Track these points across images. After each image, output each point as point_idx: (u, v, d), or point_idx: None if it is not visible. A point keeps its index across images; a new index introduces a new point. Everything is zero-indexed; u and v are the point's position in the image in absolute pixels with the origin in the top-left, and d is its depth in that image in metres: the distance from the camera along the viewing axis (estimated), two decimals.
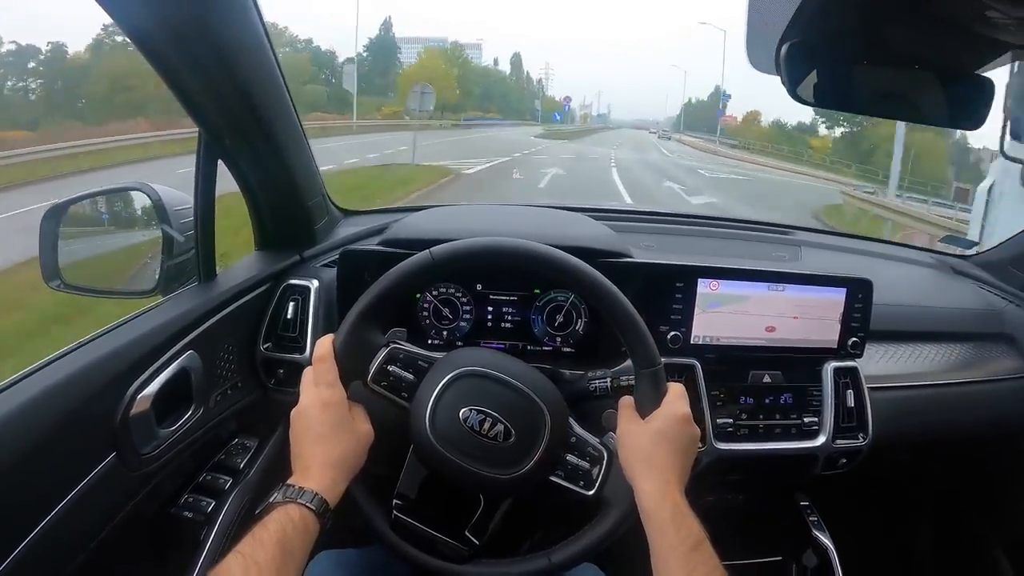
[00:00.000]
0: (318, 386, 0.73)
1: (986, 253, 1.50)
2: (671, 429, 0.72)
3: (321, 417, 0.71)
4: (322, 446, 0.70)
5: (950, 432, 1.25)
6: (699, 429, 0.74)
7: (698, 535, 0.64)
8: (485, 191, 10.85)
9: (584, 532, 0.76)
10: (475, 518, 0.83)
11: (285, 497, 0.65)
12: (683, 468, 0.71)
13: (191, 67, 0.79)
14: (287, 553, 0.60)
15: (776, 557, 1.21)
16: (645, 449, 0.71)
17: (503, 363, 0.81)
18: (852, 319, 1.07)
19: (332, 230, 1.24)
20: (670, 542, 0.64)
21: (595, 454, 0.78)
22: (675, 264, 1.03)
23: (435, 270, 0.77)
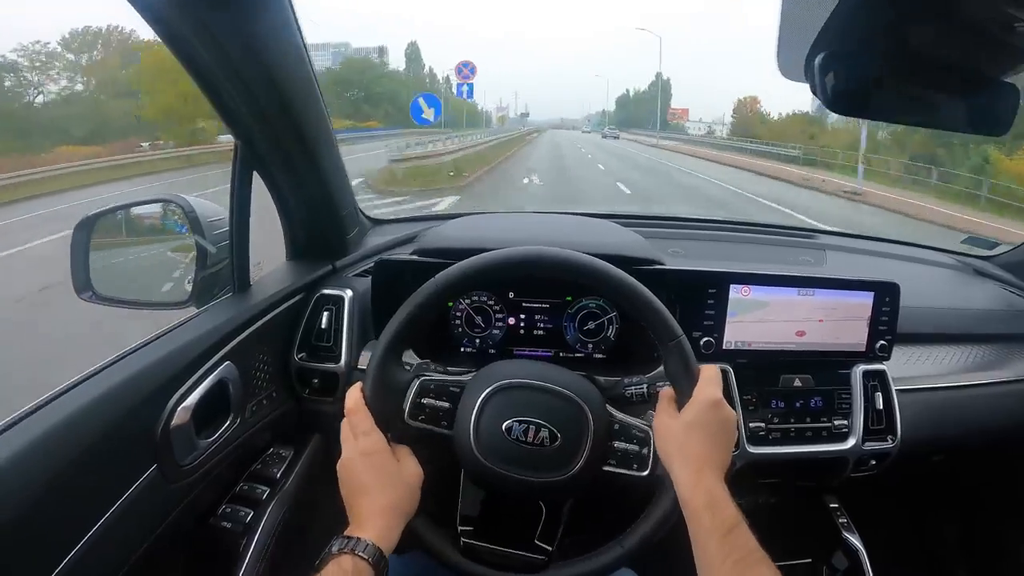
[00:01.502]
0: (356, 437, 0.74)
1: (1008, 254, 1.51)
2: (703, 416, 0.72)
3: (364, 467, 0.72)
4: (370, 496, 0.71)
5: (978, 433, 1.26)
6: (733, 411, 0.74)
7: (733, 520, 0.65)
8: None
9: (648, 512, 0.77)
10: (541, 525, 0.85)
11: (339, 549, 0.66)
12: (719, 454, 0.72)
13: (232, 79, 0.80)
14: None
15: (806, 559, 1.21)
16: (678, 440, 0.72)
17: (532, 369, 0.83)
18: (880, 322, 1.08)
19: (363, 240, 1.25)
20: (706, 529, 0.65)
21: (641, 435, 0.80)
22: (708, 271, 1.03)
23: (442, 295, 0.78)
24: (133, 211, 1.05)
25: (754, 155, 24.64)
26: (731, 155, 25.76)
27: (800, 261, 1.35)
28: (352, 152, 15.77)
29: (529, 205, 10.23)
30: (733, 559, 0.61)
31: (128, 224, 1.05)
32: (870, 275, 1.09)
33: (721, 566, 0.61)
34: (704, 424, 0.72)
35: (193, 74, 0.77)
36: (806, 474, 1.14)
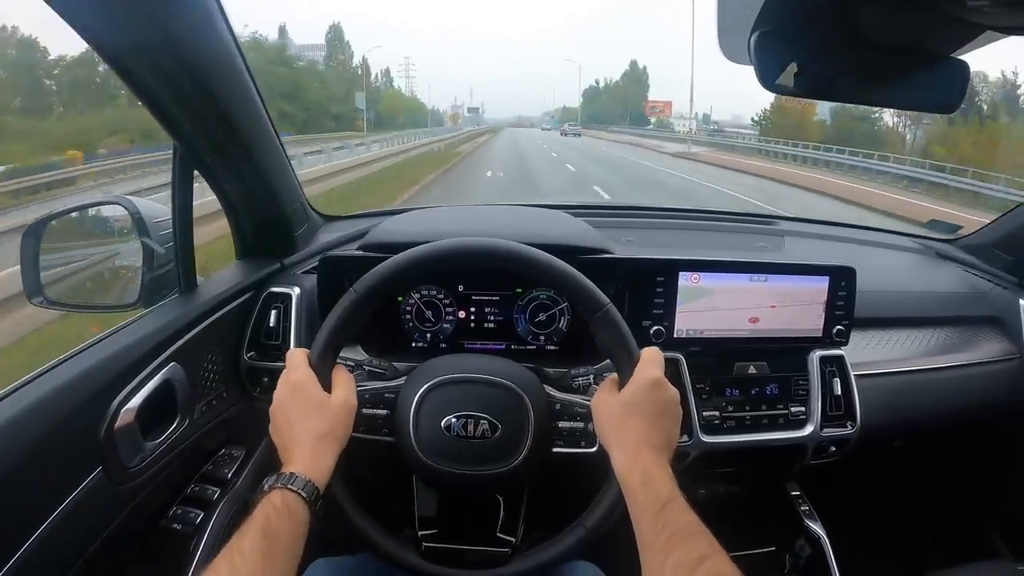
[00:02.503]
0: (286, 378, 0.74)
1: (970, 236, 1.49)
2: (642, 396, 0.72)
3: (292, 401, 0.73)
4: (298, 427, 0.71)
5: (941, 416, 1.25)
6: (676, 390, 0.74)
7: (667, 496, 0.64)
8: None
9: (605, 488, 0.77)
10: (501, 518, 0.86)
11: (270, 486, 0.66)
12: (658, 435, 0.71)
13: (163, 82, 0.79)
14: (271, 537, 0.61)
15: (770, 548, 1.21)
16: (616, 419, 0.72)
17: (461, 363, 0.83)
18: (836, 307, 1.07)
19: (312, 236, 1.24)
20: (640, 507, 0.64)
21: (584, 412, 0.81)
22: (655, 258, 1.03)
23: (362, 302, 0.78)
24: (82, 214, 1.05)
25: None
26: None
27: (757, 248, 1.34)
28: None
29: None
30: (666, 534, 0.60)
31: (77, 227, 1.05)
32: (830, 260, 1.08)
33: (655, 542, 0.60)
34: (643, 404, 0.71)
35: (123, 76, 0.76)
36: (764, 462, 1.14)
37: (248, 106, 0.92)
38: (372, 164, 13.71)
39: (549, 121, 64.64)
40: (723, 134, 38.73)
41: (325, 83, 43.78)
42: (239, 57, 0.87)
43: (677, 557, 0.58)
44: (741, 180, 15.03)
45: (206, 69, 0.81)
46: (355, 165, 12.90)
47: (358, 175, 12.01)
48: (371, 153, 15.56)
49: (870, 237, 1.53)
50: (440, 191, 11.79)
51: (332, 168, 11.44)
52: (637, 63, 67.92)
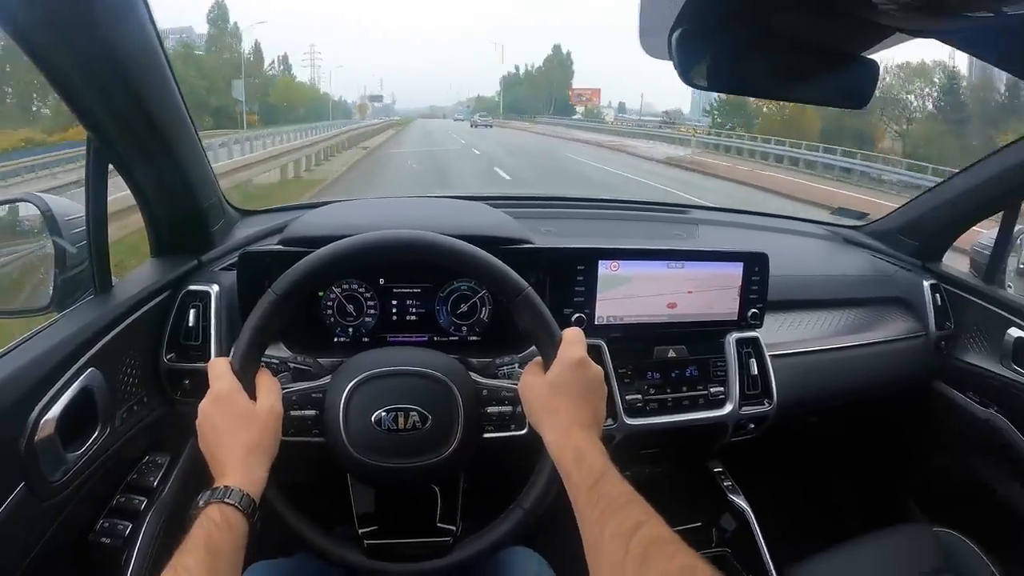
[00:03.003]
0: (211, 386, 0.73)
1: (876, 223, 1.59)
2: (568, 376, 0.73)
3: (217, 412, 0.72)
4: (226, 439, 0.71)
5: (853, 391, 1.33)
6: (600, 368, 0.75)
7: (599, 470, 0.65)
8: None
9: (539, 468, 0.78)
10: (440, 508, 0.87)
11: (206, 502, 0.65)
12: (586, 412, 0.72)
13: (78, 70, 0.76)
14: (215, 553, 0.60)
15: (696, 524, 1.26)
16: (545, 400, 0.73)
17: (386, 356, 0.84)
18: (750, 291, 1.12)
19: (230, 232, 1.22)
20: (575, 483, 0.65)
21: (511, 395, 0.82)
22: (576, 248, 1.05)
23: (282, 302, 0.77)
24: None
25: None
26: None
27: (673, 236, 1.39)
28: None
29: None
30: (602, 506, 0.61)
31: None
32: (743, 247, 1.13)
33: (591, 515, 0.61)
34: (569, 383, 0.73)
35: (37, 62, 0.73)
36: (687, 441, 1.18)
37: (166, 97, 0.90)
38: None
39: (462, 112, 62.03)
40: (673, 127, 36.82)
41: (203, 71, 37.99)
42: (159, 45, 0.85)
43: (614, 527, 0.59)
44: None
45: (125, 56, 0.79)
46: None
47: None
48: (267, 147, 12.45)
49: (781, 225, 1.61)
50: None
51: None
52: (560, 48, 64.19)
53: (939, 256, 1.50)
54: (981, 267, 1.44)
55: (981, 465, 1.45)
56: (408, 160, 15.37)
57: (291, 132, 19.12)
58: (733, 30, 0.80)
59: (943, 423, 1.47)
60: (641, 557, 0.55)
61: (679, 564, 0.54)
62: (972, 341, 1.43)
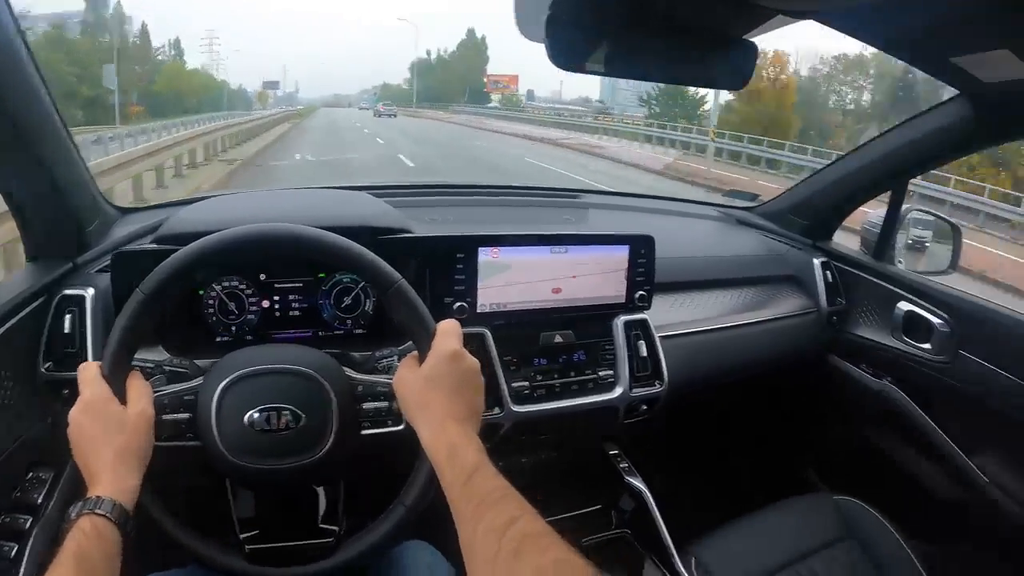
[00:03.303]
0: (80, 393, 0.71)
1: (767, 204, 1.64)
2: (442, 369, 0.72)
3: (87, 420, 0.69)
4: (97, 447, 0.68)
5: (748, 368, 1.36)
6: (476, 360, 0.74)
7: (472, 465, 0.64)
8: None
9: (419, 464, 0.77)
10: (322, 509, 0.85)
11: (77, 514, 0.62)
12: (461, 406, 0.71)
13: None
14: (87, 567, 0.58)
15: (596, 506, 1.27)
16: (418, 395, 0.72)
17: (257, 355, 0.81)
18: (637, 274, 1.13)
19: (108, 232, 1.15)
20: (448, 480, 0.65)
21: (387, 390, 0.81)
22: (454, 235, 1.04)
23: (150, 302, 0.74)
24: None
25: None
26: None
27: (563, 221, 1.40)
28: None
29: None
30: (475, 503, 0.61)
31: None
32: (634, 231, 1.14)
33: (465, 512, 0.61)
34: (443, 377, 0.72)
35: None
36: (579, 426, 1.19)
37: (27, 92, 0.84)
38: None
39: (367, 100, 59.83)
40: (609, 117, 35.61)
41: (75, 57, 31.90)
42: (18, 37, 0.80)
43: (487, 523, 0.58)
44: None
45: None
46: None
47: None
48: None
49: (674, 207, 1.64)
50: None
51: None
52: (475, 32, 60.97)
53: (829, 235, 1.56)
54: (871, 244, 1.49)
55: (877, 434, 1.51)
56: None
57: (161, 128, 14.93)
58: (610, 11, 0.80)
59: (839, 395, 1.53)
60: (514, 552, 0.54)
61: (552, 558, 0.54)
62: (864, 315, 1.48)
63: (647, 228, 1.16)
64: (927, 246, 1.62)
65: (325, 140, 19.57)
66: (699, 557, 1.16)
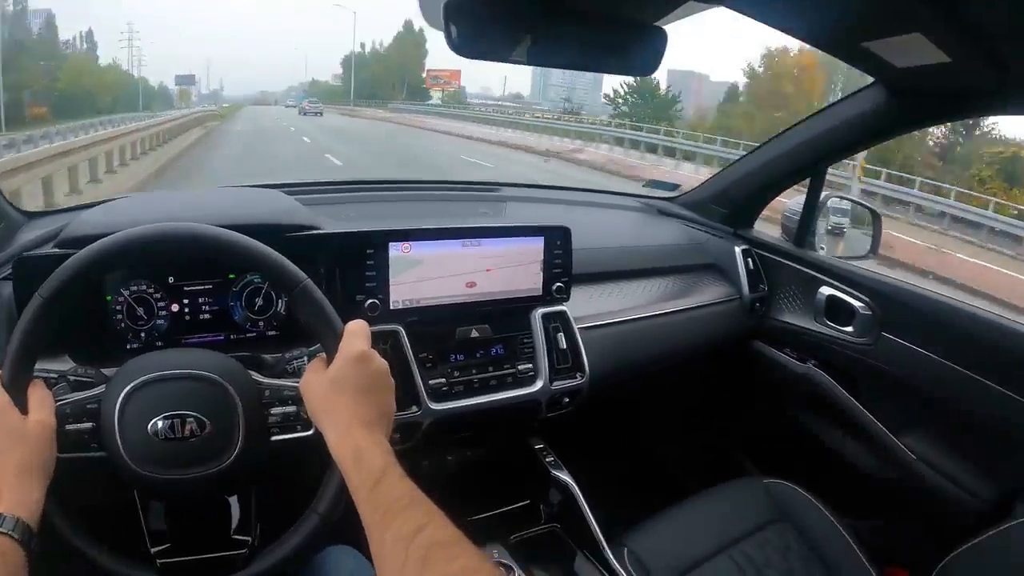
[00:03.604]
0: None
1: (688, 194, 1.67)
2: (348, 371, 0.70)
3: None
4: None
5: (673, 356, 1.38)
6: (384, 361, 0.73)
7: (379, 471, 0.62)
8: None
9: (331, 471, 0.75)
10: (235, 519, 0.82)
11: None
12: (368, 409, 0.69)
13: None
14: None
15: (524, 501, 1.26)
16: (324, 398, 0.70)
17: (160, 360, 0.78)
18: (554, 265, 1.13)
19: (12, 237, 1.10)
20: (355, 485, 0.63)
21: (294, 395, 0.78)
22: (363, 231, 1.02)
23: (50, 306, 0.71)
24: None
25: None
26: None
27: (480, 214, 1.39)
28: None
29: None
30: (382, 510, 0.59)
31: None
32: (552, 222, 1.14)
33: (372, 519, 0.59)
34: (349, 379, 0.70)
35: None
36: (501, 421, 1.18)
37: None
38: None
39: (294, 97, 57.32)
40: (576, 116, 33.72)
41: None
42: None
43: (394, 531, 0.57)
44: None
45: None
46: None
47: None
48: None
49: (593, 199, 1.65)
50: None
51: None
52: (412, 24, 56.07)
53: (750, 223, 1.59)
54: (792, 231, 1.53)
55: (804, 417, 1.55)
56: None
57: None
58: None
59: (765, 380, 1.56)
60: (422, 560, 0.53)
61: (461, 566, 0.53)
62: (786, 301, 1.52)
63: (566, 220, 1.16)
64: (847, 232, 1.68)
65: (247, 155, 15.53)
66: (631, 547, 1.16)
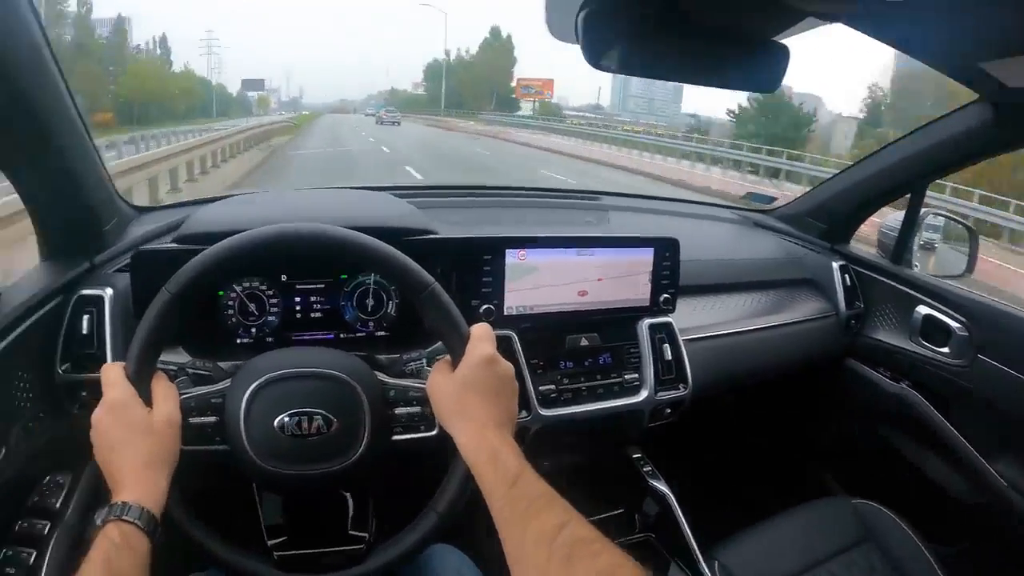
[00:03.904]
0: (104, 394, 0.69)
1: (784, 207, 1.64)
2: (478, 374, 0.71)
3: (111, 423, 0.68)
4: (123, 451, 0.66)
5: (767, 372, 1.36)
6: (510, 364, 0.74)
7: (516, 470, 0.63)
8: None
9: (451, 470, 0.76)
10: (351, 515, 0.84)
11: (104, 520, 0.61)
12: (499, 411, 0.71)
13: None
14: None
15: (619, 510, 1.26)
16: (455, 400, 0.72)
17: (287, 358, 0.80)
18: (662, 277, 1.13)
19: (124, 231, 1.15)
20: (491, 485, 0.64)
21: (419, 395, 0.80)
22: (481, 237, 1.04)
23: (177, 302, 0.73)
24: None
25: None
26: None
27: (584, 223, 1.40)
28: None
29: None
30: (522, 508, 0.60)
31: None
32: (653, 233, 1.14)
33: (512, 517, 0.60)
34: (479, 382, 0.71)
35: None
36: (604, 429, 1.18)
37: (51, 90, 0.84)
38: None
39: (373, 106, 56.99)
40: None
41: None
42: (40, 33, 0.79)
43: (536, 528, 0.58)
44: None
45: (3, 55, 0.73)
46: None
47: None
48: None
49: (691, 210, 1.64)
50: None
51: None
52: (500, 31, 54.01)
53: (847, 238, 1.56)
54: (888, 248, 1.49)
55: (895, 438, 1.51)
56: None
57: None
58: (642, 11, 0.79)
59: (857, 399, 1.53)
60: (567, 558, 0.54)
61: (606, 562, 0.53)
62: (882, 319, 1.48)
63: (666, 230, 1.16)
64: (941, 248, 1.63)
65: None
66: (722, 561, 1.16)
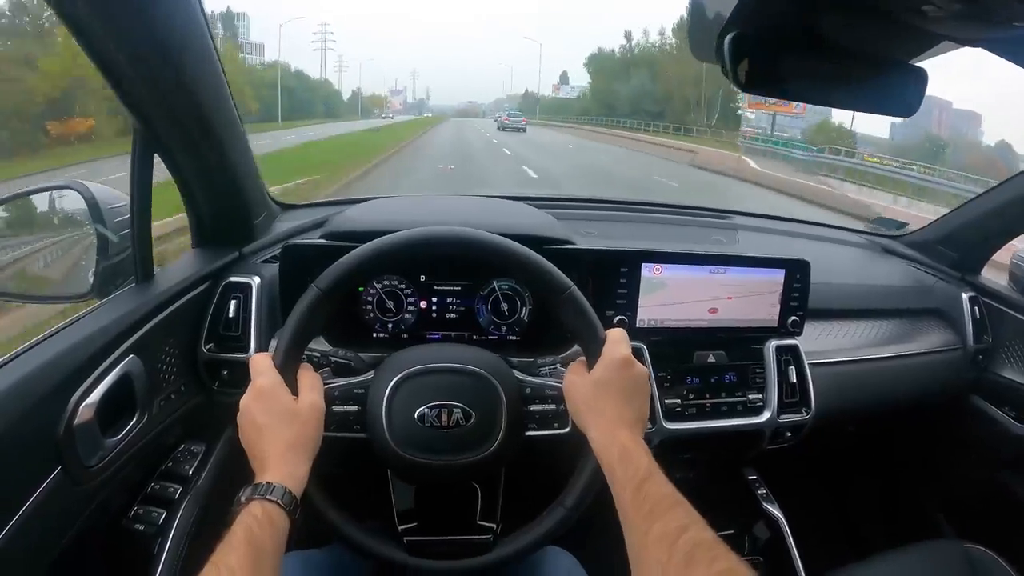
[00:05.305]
0: (253, 381, 0.73)
1: (914, 233, 1.57)
2: (613, 375, 0.73)
3: (259, 409, 0.71)
4: (268, 435, 0.70)
5: (889, 403, 1.31)
6: (644, 368, 0.75)
7: (645, 471, 0.64)
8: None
9: (582, 466, 0.78)
10: (480, 505, 0.87)
11: (247, 498, 0.65)
12: (632, 412, 0.72)
13: (130, 59, 0.75)
14: (258, 551, 0.60)
15: (729, 531, 1.24)
16: (590, 399, 0.73)
17: (429, 353, 0.83)
18: (791, 299, 1.11)
19: (271, 225, 1.22)
20: (620, 482, 0.65)
21: (555, 393, 0.82)
22: (619, 249, 1.04)
23: (325, 298, 0.77)
24: (31, 198, 1.01)
25: None
26: None
27: (713, 241, 1.38)
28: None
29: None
30: (647, 507, 0.61)
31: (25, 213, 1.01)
32: (782, 254, 1.12)
33: (637, 515, 0.61)
34: (614, 382, 0.73)
35: (87, 49, 0.72)
36: (723, 448, 1.17)
37: (214, 87, 0.90)
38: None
39: (504, 110, 54.00)
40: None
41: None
42: (208, 35, 0.85)
43: (659, 528, 0.58)
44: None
45: (174, 44, 0.78)
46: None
47: None
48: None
49: (819, 232, 1.60)
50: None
51: None
52: (630, 32, 43.36)
53: (978, 268, 1.48)
54: (1021, 280, 1.41)
55: (1015, 482, 1.43)
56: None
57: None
58: (781, 36, 0.78)
59: (978, 438, 1.45)
60: (686, 560, 0.55)
61: (724, 568, 0.54)
62: (1011, 356, 1.40)
63: (795, 252, 1.14)
64: None
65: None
66: None
